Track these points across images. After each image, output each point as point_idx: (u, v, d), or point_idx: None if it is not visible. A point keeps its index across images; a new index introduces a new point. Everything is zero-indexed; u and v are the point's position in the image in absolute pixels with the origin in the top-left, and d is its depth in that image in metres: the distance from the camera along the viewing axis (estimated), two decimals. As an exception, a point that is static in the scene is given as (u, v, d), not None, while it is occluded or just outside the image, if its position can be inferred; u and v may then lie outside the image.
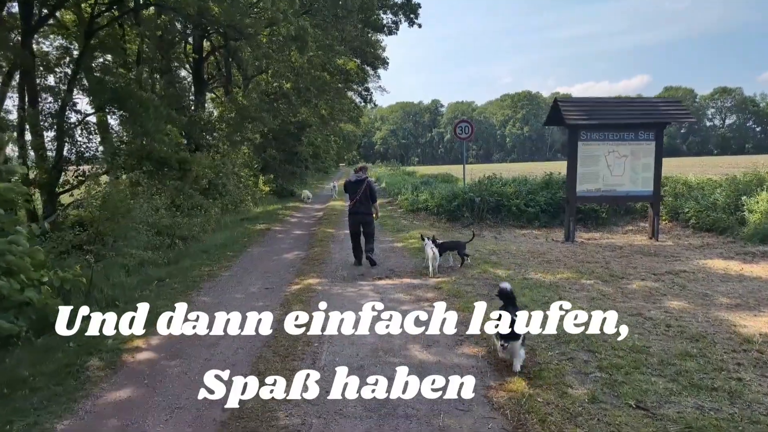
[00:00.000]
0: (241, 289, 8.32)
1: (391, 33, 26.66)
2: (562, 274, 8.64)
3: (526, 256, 10.33)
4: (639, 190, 11.96)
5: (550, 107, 12.48)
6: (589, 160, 11.78)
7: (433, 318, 6.42)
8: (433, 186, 21.21)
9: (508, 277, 8.38)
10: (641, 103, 12.03)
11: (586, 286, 7.85)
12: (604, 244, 11.79)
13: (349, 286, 8.19)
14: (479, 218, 14.59)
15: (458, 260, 9.54)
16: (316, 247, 11.90)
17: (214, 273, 9.55)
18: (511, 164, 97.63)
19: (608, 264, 9.50)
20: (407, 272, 9.06)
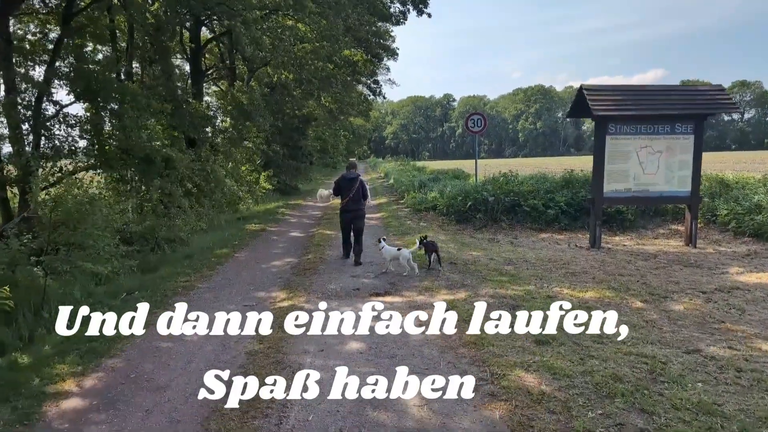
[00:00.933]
0: (217, 307, 7.12)
1: (399, 23, 25.34)
2: (592, 290, 7.35)
3: (547, 265, 9.04)
4: (675, 190, 10.61)
5: (570, 99, 11.16)
6: (619, 157, 10.44)
7: (441, 370, 5.18)
8: (442, 183, 19.91)
9: (528, 294, 7.11)
10: (679, 90, 10.65)
11: (623, 307, 6.56)
12: (634, 251, 10.46)
13: (341, 305, 6.95)
14: (493, 220, 13.29)
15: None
16: (311, 253, 10.68)
17: (191, 285, 8.37)
18: (524, 159, 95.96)
19: (644, 277, 8.19)
20: (410, 286, 7.81)
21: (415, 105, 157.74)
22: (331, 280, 8.28)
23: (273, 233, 13.87)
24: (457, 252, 10.15)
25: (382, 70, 45.93)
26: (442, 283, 7.82)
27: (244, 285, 8.34)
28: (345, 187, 9.64)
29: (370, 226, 14.02)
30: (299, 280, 8.43)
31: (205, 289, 8.15)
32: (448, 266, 8.90)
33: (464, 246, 10.94)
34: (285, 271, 9.20)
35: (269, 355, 5.23)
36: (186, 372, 4.93)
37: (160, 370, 5.01)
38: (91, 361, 5.20)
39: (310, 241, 12.11)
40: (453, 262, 9.18)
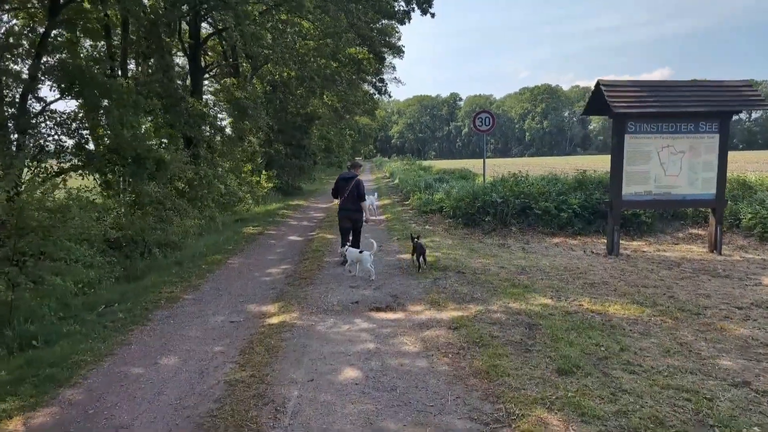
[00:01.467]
0: (200, 323, 6.47)
1: (403, 22, 24.65)
2: (615, 304, 6.65)
3: (563, 275, 8.32)
4: (698, 193, 9.86)
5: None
6: (639, 157, 9.71)
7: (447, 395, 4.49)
8: (449, 183, 19.18)
9: (545, 309, 6.41)
10: (704, 86, 9.89)
11: (652, 326, 5.85)
12: (655, 259, 9.73)
13: (338, 321, 6.27)
14: (502, 223, 12.56)
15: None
16: (308, 259, 10.01)
17: (175, 296, 7.71)
18: (531, 159, 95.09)
19: (670, 289, 7.47)
20: (414, 299, 7.11)
21: (421, 104, 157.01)
22: (327, 292, 7.60)
23: (271, 237, 13.21)
24: (465, 259, 9.45)
25: (388, 69, 45.36)
26: (449, 296, 7.13)
27: (234, 296, 7.68)
28: (341, 186, 9.57)
29: (373, 229, 13.36)
30: (293, 291, 7.75)
31: (190, 301, 7.49)
32: (456, 276, 8.21)
33: (473, 252, 10.23)
34: (279, 281, 8.52)
35: (251, 385, 4.56)
36: (153, 407, 4.26)
37: (124, 403, 4.35)
38: (46, 392, 4.54)
39: (309, 246, 11.43)
40: (461, 271, 8.48)
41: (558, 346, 5.21)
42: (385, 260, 9.70)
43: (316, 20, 21.84)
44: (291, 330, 5.95)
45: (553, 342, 5.32)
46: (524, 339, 5.45)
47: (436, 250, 10.24)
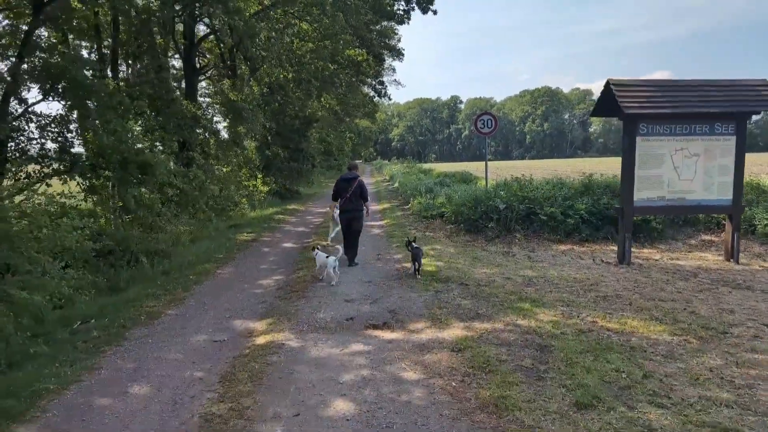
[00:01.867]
0: (180, 342, 5.93)
1: (402, 22, 24.16)
2: (632, 321, 6.11)
3: (573, 287, 7.79)
4: (714, 199, 9.34)
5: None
6: (651, 161, 9.18)
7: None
8: (450, 187, 18.65)
9: (556, 327, 5.88)
10: (719, 85, 9.35)
11: (676, 347, 5.31)
12: (669, 268, 9.20)
13: (330, 341, 5.73)
14: (506, 229, 12.02)
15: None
16: (302, 269, 9.47)
17: (157, 311, 7.18)
18: (532, 161, 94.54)
19: (690, 303, 6.93)
20: (414, 315, 6.57)
21: (421, 107, 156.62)
22: (320, 307, 7.05)
23: (265, 244, 12.67)
24: (468, 269, 8.92)
25: (388, 71, 44.96)
26: (451, 311, 6.59)
27: (220, 311, 7.14)
28: (342, 187, 9.58)
29: (371, 235, 12.84)
30: (284, 306, 7.21)
31: (172, 317, 6.95)
32: (459, 288, 7.67)
33: (476, 261, 9.70)
34: (270, 293, 7.99)
35: (229, 420, 4.03)
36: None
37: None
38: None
39: (304, 254, 10.88)
40: (464, 282, 7.94)
41: (574, 372, 4.67)
42: (383, 270, 9.18)
43: (314, 21, 21.39)
44: (278, 352, 5.41)
45: (568, 367, 4.78)
46: (536, 363, 4.91)
47: (438, 259, 9.71)
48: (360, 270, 9.23)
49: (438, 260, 9.57)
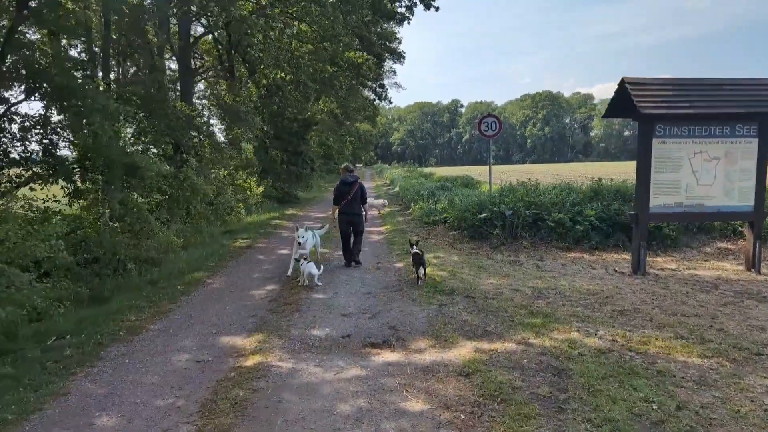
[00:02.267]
0: (160, 363, 5.39)
1: (404, 20, 23.63)
2: (655, 340, 5.57)
3: (587, 300, 7.25)
4: (735, 205, 8.82)
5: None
6: (668, 165, 8.66)
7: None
8: (452, 192, 18.12)
9: (572, 346, 5.34)
10: (740, 84, 8.82)
11: (708, 372, 4.77)
12: (687, 279, 8.66)
13: (324, 363, 5.18)
14: (512, 236, 11.48)
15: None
16: (297, 278, 8.92)
17: (139, 325, 6.63)
18: (533, 165, 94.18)
19: (715, 319, 6.39)
20: (417, 331, 6.03)
21: (422, 111, 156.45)
22: (315, 321, 6.51)
23: (260, 250, 12.13)
24: (474, 279, 8.38)
25: (388, 74, 44.53)
26: (457, 328, 6.05)
27: (207, 326, 6.60)
28: (344, 191, 9.68)
29: (371, 242, 12.31)
30: (276, 320, 6.67)
31: (154, 332, 6.41)
32: (465, 301, 7.13)
33: (481, 270, 9.16)
34: (261, 306, 7.43)
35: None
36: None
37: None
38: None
39: (299, 263, 10.34)
40: (470, 295, 7.39)
41: (598, 402, 4.13)
42: (383, 280, 8.64)
43: (313, 23, 20.91)
44: (266, 376, 4.86)
45: (591, 396, 4.24)
46: (554, 391, 4.37)
47: (441, 268, 9.16)
48: (359, 280, 8.70)
49: (441, 269, 9.03)
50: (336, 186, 9.94)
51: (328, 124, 41.60)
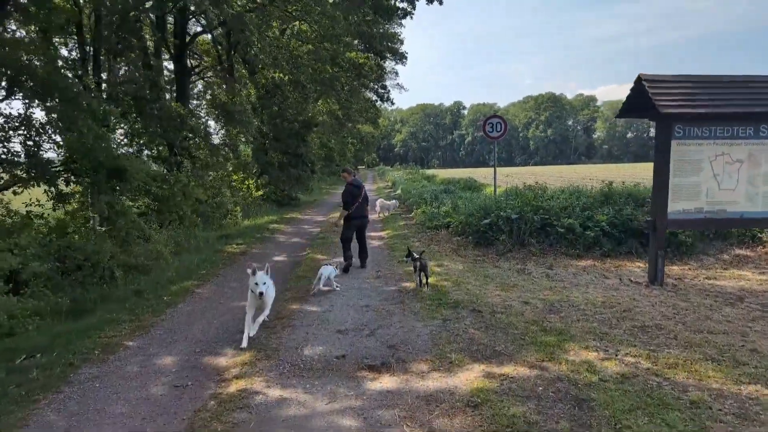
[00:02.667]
0: (134, 389, 4.85)
1: (407, 15, 23.07)
2: (682, 362, 5.00)
3: (603, 314, 6.69)
4: (759, 211, 8.23)
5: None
6: (688, 168, 8.10)
7: None
8: (456, 195, 17.57)
9: (591, 370, 4.78)
10: (764, 81, 8.29)
11: (748, 402, 4.21)
12: (708, 289, 8.09)
13: (315, 390, 4.63)
14: (520, 243, 10.93)
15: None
16: (290, 289, 8.37)
17: (116, 342, 6.10)
18: (535, 167, 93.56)
19: (746, 337, 5.82)
20: (418, 351, 5.48)
21: (424, 113, 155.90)
22: (308, 339, 5.96)
23: (254, 257, 11.59)
24: (480, 290, 7.81)
25: (390, 75, 44.08)
26: (463, 348, 5.49)
27: (190, 343, 6.07)
28: (356, 194, 9.50)
29: (370, 248, 11.74)
30: (266, 336, 6.12)
31: (132, 350, 5.87)
32: (471, 316, 6.57)
33: (488, 280, 8.60)
34: (251, 320, 6.89)
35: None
36: None
37: None
38: None
39: (295, 271, 9.82)
40: (477, 308, 6.83)
41: None
42: (383, 291, 8.08)
43: (313, 22, 20.40)
44: (249, 406, 4.32)
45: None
46: (575, 428, 3.82)
47: (446, 277, 8.61)
48: (357, 290, 8.15)
49: (446, 279, 8.48)
50: (346, 189, 9.54)
51: (330, 125, 41.13)
